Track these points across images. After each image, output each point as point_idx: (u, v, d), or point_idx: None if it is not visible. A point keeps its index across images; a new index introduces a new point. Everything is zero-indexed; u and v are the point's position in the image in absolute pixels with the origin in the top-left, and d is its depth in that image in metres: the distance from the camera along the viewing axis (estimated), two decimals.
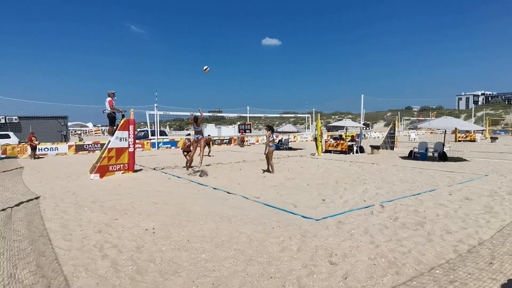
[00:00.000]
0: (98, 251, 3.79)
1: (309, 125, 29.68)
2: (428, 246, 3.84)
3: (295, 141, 30.85)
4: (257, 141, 30.48)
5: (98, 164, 9.63)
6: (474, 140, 27.70)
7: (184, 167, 11.20)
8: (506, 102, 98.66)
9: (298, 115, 48.50)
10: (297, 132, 25.97)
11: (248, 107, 27.27)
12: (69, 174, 10.43)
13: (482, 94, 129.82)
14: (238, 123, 41.89)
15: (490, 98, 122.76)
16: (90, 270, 3.28)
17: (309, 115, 26.69)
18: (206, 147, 15.85)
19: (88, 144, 21.28)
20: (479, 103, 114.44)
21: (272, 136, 10.26)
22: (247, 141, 28.47)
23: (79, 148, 20.55)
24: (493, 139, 27.81)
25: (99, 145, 21.06)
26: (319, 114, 17.26)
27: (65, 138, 24.88)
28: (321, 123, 16.43)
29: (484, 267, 3.24)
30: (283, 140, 22.55)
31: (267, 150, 10.11)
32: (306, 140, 32.45)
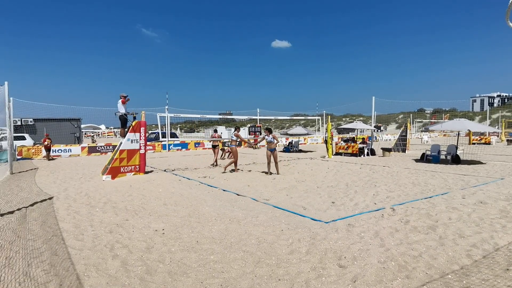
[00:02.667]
0: (109, 251, 3.86)
1: (319, 128, 29.55)
2: (440, 250, 3.76)
3: (305, 143, 30.69)
4: (256, 142, 30.42)
5: (110, 166, 9.81)
6: (489, 143, 26.98)
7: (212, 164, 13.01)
8: None
9: (309, 117, 48.29)
10: (308, 134, 25.84)
11: (258, 109, 27.31)
12: (82, 175, 10.65)
13: (498, 95, 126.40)
14: (249, 125, 41.99)
15: (506, 100, 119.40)
16: (101, 270, 3.34)
17: (320, 117, 26.54)
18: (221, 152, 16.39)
19: (101, 146, 21.68)
20: (495, 105, 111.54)
21: (268, 138, 10.41)
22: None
23: (91, 150, 20.96)
24: (510, 141, 27.01)
25: (111, 147, 21.42)
26: (329, 117, 17.14)
27: (78, 140, 25.40)
28: (332, 125, 16.30)
29: (500, 274, 3.14)
30: (293, 142, 22.47)
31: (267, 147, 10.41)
32: (317, 143, 32.23)
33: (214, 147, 13.91)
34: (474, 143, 25.56)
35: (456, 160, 12.99)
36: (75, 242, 4.16)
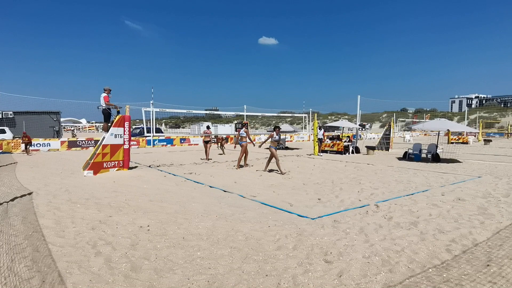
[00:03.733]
0: (91, 248, 3.76)
1: (306, 125, 29.76)
2: (421, 245, 3.88)
3: (291, 140, 30.89)
4: (254, 140, 30.46)
5: (92, 161, 9.55)
6: (466, 142, 27.99)
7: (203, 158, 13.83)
8: (502, 105, 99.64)
9: (295, 115, 48.62)
10: (294, 132, 26.03)
11: (245, 106, 27.22)
12: (62, 170, 10.33)
13: (476, 97, 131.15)
14: (235, 122, 41.83)
15: (484, 101, 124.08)
16: (83, 267, 3.25)
17: (306, 115, 26.75)
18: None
19: (82, 141, 21.09)
20: (473, 106, 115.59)
21: (276, 137, 10.30)
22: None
23: (72, 144, 20.36)
24: (487, 141, 28.10)
25: (93, 142, 20.88)
26: (316, 115, 17.29)
27: (58, 134, 24.61)
28: (318, 123, 16.47)
29: (481, 269, 3.26)
30: (280, 139, 22.56)
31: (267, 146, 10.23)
32: (303, 140, 32.52)
33: (206, 142, 14.31)
34: (452, 143, 26.45)
35: (436, 158, 13.41)
36: (56, 239, 4.04)
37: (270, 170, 10.28)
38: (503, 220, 4.94)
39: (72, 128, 53.91)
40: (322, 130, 17.18)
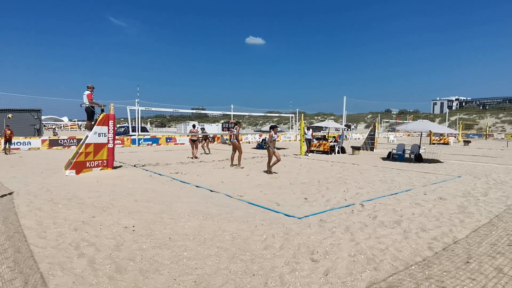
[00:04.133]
0: (74, 249, 3.67)
1: (292, 125, 29.94)
2: (404, 243, 3.97)
3: (278, 140, 31.03)
4: (241, 140, 30.41)
5: (74, 160, 9.32)
6: (447, 143, 28.87)
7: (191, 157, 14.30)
8: (481, 107, 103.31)
9: (282, 115, 48.81)
10: (281, 131, 26.14)
11: (232, 105, 27.14)
12: (43, 170, 10.02)
13: (457, 99, 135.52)
14: (222, 121, 41.65)
15: (464, 103, 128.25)
16: (66, 269, 3.17)
17: (293, 115, 26.90)
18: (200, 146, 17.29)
19: (63, 139, 20.52)
20: (453, 108, 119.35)
21: (275, 136, 9.80)
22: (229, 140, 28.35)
23: (53, 143, 19.78)
24: (466, 142, 29.06)
25: (75, 140, 20.36)
26: (302, 115, 17.43)
27: (39, 133, 23.85)
28: (305, 123, 16.61)
29: (461, 266, 3.36)
30: (266, 139, 22.62)
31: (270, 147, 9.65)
32: (290, 140, 32.72)
33: (193, 141, 14.74)
34: (434, 143, 27.23)
35: (419, 158, 13.77)
36: (38, 240, 3.92)
37: (270, 172, 9.80)
38: (481, 218, 5.12)
39: (54, 127, 52.35)
40: (311, 130, 17.29)
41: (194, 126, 15.75)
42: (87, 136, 9.94)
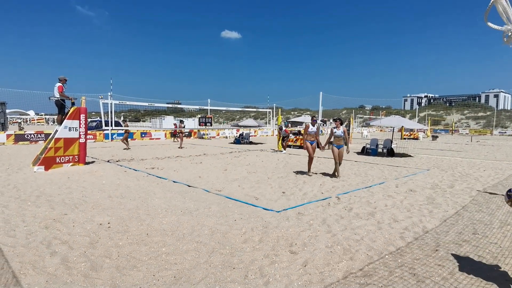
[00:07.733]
0: (45, 248, 3.51)
1: (269, 120, 30.13)
2: (378, 234, 4.15)
3: (255, 135, 31.11)
4: (218, 135, 30.20)
5: (43, 156, 8.86)
6: (417, 138, 30.26)
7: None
8: (447, 104, 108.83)
9: (260, 110, 48.90)
10: (258, 126, 26.21)
11: (209, 100, 26.82)
12: (8, 166, 9.44)
13: (425, 96, 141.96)
14: (199, 116, 41.07)
15: (432, 100, 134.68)
16: (38, 268, 3.03)
17: (270, 110, 27.04)
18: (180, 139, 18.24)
19: (30, 134, 19.42)
20: (423, 104, 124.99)
21: (313, 129, 8.61)
22: (207, 134, 28.07)
23: (19, 138, 18.67)
24: (434, 137, 30.60)
25: (43, 135, 19.33)
26: (279, 110, 17.56)
27: (3, 127, 22.42)
28: (282, 118, 16.75)
29: (430, 254, 3.56)
30: (244, 134, 22.61)
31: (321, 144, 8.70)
32: (267, 135, 32.89)
33: (174, 136, 16.56)
34: (405, 138, 28.44)
35: (390, 153, 14.33)
36: (7, 238, 3.72)
37: (309, 171, 8.80)
38: (448, 209, 5.44)
39: (19, 121, 49.32)
40: (284, 128, 16.85)
41: (181, 121, 18.76)
42: (56, 131, 9.47)
